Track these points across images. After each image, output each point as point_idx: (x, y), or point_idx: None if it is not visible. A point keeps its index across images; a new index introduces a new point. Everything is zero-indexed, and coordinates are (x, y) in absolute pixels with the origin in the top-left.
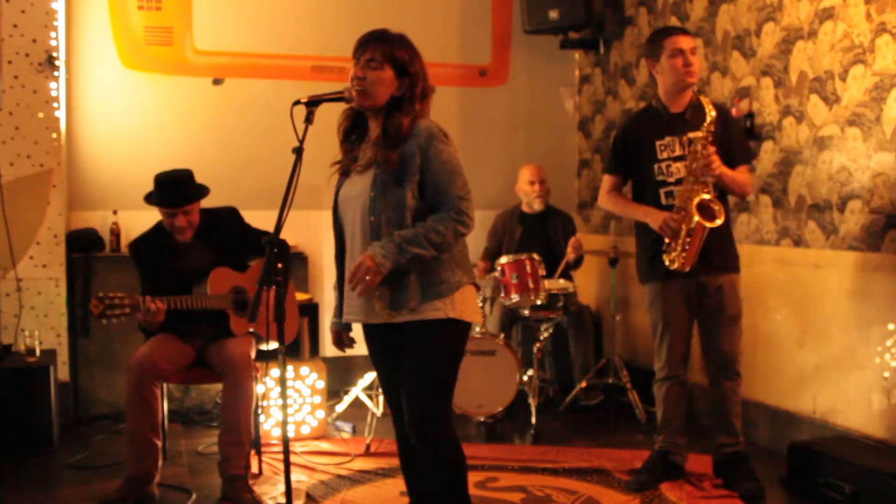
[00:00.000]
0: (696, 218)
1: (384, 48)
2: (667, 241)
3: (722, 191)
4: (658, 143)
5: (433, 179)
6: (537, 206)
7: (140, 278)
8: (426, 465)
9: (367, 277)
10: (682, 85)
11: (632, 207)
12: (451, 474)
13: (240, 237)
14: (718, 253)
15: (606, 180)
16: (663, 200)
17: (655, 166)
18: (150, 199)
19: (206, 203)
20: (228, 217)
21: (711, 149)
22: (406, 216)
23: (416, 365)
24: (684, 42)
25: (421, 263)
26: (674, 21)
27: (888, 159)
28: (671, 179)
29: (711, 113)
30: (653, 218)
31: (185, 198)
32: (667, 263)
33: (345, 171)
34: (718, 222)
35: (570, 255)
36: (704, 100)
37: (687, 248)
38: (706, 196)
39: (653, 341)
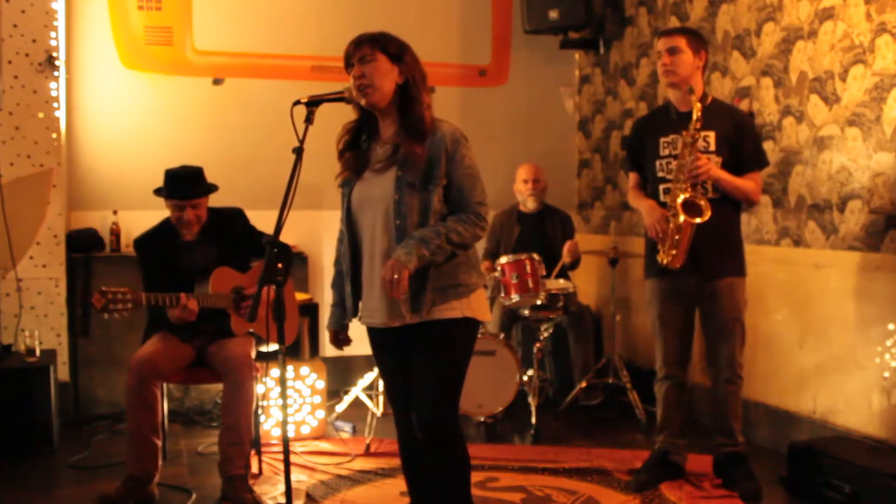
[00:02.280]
0: (682, 217)
1: (371, 43)
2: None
3: (725, 195)
4: (662, 139)
5: (457, 184)
6: (531, 204)
7: (142, 275)
8: (432, 463)
9: (395, 276)
10: (666, 83)
11: (639, 202)
12: (455, 474)
13: (244, 238)
14: (715, 255)
15: (629, 177)
16: (661, 197)
17: (657, 163)
18: (159, 192)
19: (209, 203)
20: (234, 217)
21: (699, 154)
22: (431, 221)
23: (430, 363)
24: (661, 44)
25: (437, 266)
26: (673, 21)
27: (888, 159)
28: (670, 177)
29: (696, 112)
30: (647, 214)
31: (195, 191)
32: (658, 260)
33: (357, 172)
34: (698, 220)
35: (565, 258)
36: (694, 100)
37: (676, 245)
38: (687, 195)
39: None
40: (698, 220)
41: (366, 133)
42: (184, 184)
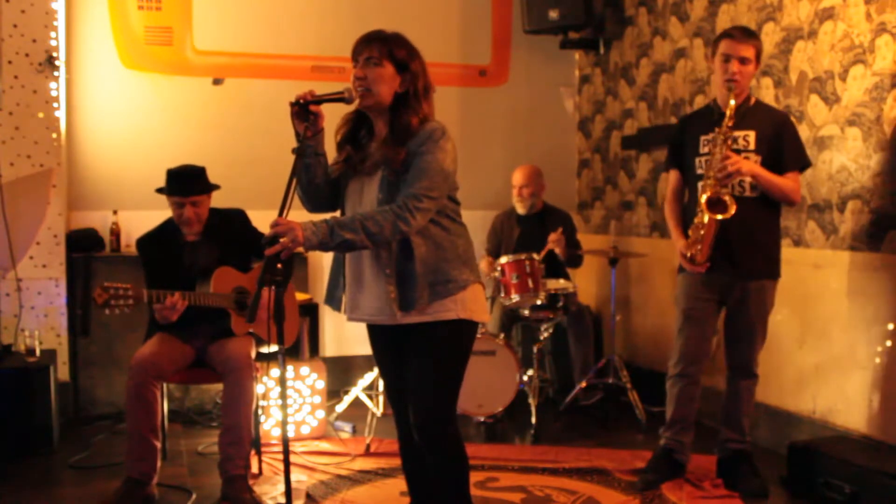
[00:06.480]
0: (707, 215)
1: (381, 46)
2: (689, 233)
3: (764, 194)
4: (703, 137)
5: (409, 174)
6: (520, 210)
7: (145, 275)
8: (430, 464)
9: (283, 240)
10: (725, 87)
11: (672, 227)
12: (454, 474)
13: (245, 239)
14: (746, 257)
15: (670, 177)
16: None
17: (696, 160)
18: (161, 191)
19: (211, 204)
20: (235, 218)
21: (728, 151)
22: None
23: (425, 365)
24: (733, 48)
25: (424, 262)
26: (673, 21)
27: (888, 159)
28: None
29: (730, 111)
30: (676, 244)
31: (195, 188)
32: (687, 254)
33: (353, 167)
34: (720, 217)
35: (550, 245)
36: (729, 98)
37: (700, 241)
38: (709, 193)
39: (667, 338)
40: (721, 217)
41: (365, 128)
42: (184, 181)
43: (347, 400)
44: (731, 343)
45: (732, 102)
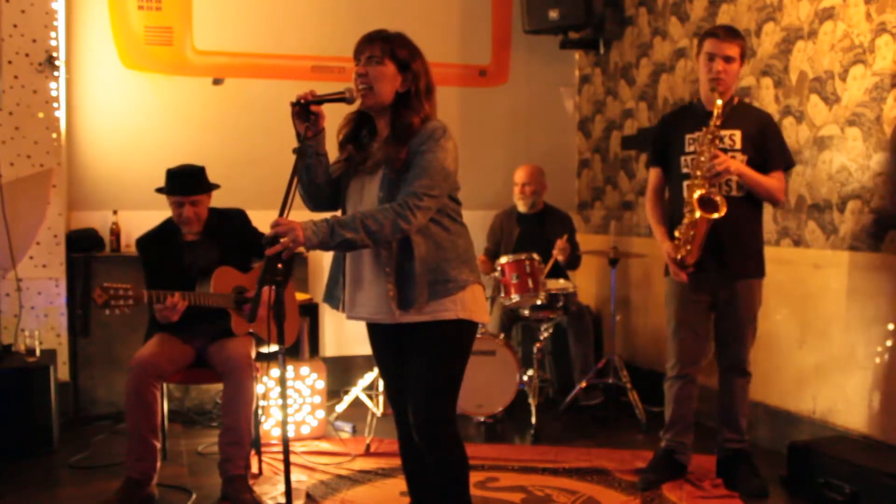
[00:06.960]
0: (698, 213)
1: (384, 45)
2: (676, 234)
3: (749, 193)
4: (688, 136)
5: (410, 173)
6: (521, 207)
7: (145, 275)
8: (430, 465)
9: (284, 240)
10: (709, 87)
11: (654, 226)
12: (454, 475)
13: (245, 239)
14: (736, 255)
15: (651, 175)
16: (685, 193)
17: (682, 159)
18: (161, 190)
19: (211, 204)
20: (235, 218)
21: (716, 151)
22: None
23: (424, 365)
24: (717, 47)
25: (423, 261)
26: (674, 22)
27: (888, 159)
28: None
29: (717, 110)
30: (662, 246)
31: (195, 188)
32: (674, 256)
33: (355, 167)
34: (715, 216)
35: (556, 255)
36: (715, 97)
37: (691, 241)
38: (703, 191)
39: (666, 339)
40: (715, 216)
41: (367, 128)
42: (183, 180)
43: (347, 400)
44: (722, 343)
45: (719, 102)
